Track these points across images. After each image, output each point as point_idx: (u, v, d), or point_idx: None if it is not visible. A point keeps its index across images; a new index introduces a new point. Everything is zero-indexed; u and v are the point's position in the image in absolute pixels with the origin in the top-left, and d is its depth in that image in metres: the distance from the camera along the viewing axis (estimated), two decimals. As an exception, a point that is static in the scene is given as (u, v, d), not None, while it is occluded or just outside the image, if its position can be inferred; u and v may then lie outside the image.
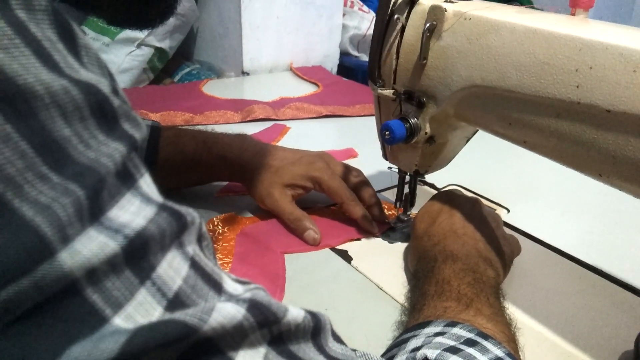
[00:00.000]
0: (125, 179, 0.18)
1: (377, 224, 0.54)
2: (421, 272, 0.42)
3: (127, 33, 1.06)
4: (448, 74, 0.41)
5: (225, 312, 0.18)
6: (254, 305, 0.19)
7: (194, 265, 0.19)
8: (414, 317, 0.36)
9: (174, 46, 1.14)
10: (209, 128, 0.61)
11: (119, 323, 0.16)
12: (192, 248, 0.20)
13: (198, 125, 0.84)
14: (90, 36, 1.07)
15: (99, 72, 0.19)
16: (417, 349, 0.30)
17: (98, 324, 0.16)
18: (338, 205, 0.56)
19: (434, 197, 0.50)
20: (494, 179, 0.68)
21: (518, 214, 0.60)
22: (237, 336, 0.19)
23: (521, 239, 0.54)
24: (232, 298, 0.20)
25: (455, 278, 0.38)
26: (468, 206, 0.47)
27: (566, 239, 0.55)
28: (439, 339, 0.31)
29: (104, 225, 0.17)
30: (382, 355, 0.32)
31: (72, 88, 0.17)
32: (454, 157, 0.52)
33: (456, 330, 0.31)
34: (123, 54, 1.07)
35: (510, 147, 0.43)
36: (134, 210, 0.18)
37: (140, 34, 1.06)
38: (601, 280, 0.48)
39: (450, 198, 0.49)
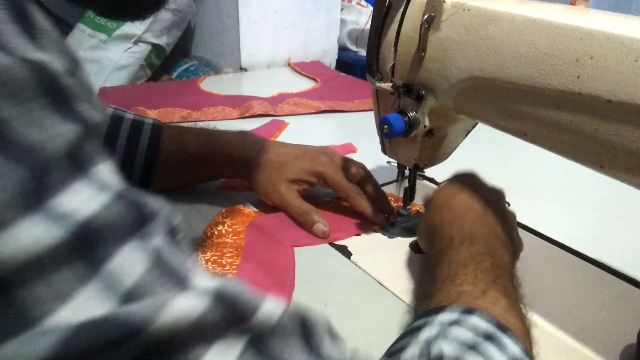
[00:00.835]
0: (78, 164, 0.17)
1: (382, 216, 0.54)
2: (435, 252, 0.39)
3: (124, 30, 1.05)
4: (447, 66, 0.40)
5: (181, 307, 0.16)
6: (219, 298, 0.17)
7: (158, 259, 0.18)
8: (426, 302, 0.34)
9: (171, 42, 1.14)
10: (207, 124, 0.61)
11: (58, 321, 0.15)
12: (157, 240, 0.18)
13: (196, 121, 0.84)
14: (87, 33, 1.07)
15: (57, 54, 0.18)
16: (432, 339, 0.28)
17: (30, 322, 0.14)
18: (343, 199, 0.55)
19: (455, 177, 0.47)
20: (494, 172, 0.68)
21: (518, 207, 0.59)
22: (199, 334, 0.17)
23: (522, 233, 0.54)
24: (194, 291, 0.18)
25: (473, 261, 0.35)
26: (492, 191, 0.45)
27: (567, 232, 0.54)
28: (455, 329, 0.29)
29: (49, 211, 0.15)
30: (394, 344, 0.31)
31: (19, 66, 0.15)
32: (453, 151, 0.51)
33: (474, 320, 0.29)
34: (120, 51, 1.06)
35: (510, 141, 0.43)
36: (85, 198, 0.16)
37: (137, 31, 1.05)
38: (603, 274, 0.48)
39: (473, 180, 0.46)
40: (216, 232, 0.51)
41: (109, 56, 1.06)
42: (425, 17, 0.40)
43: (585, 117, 0.33)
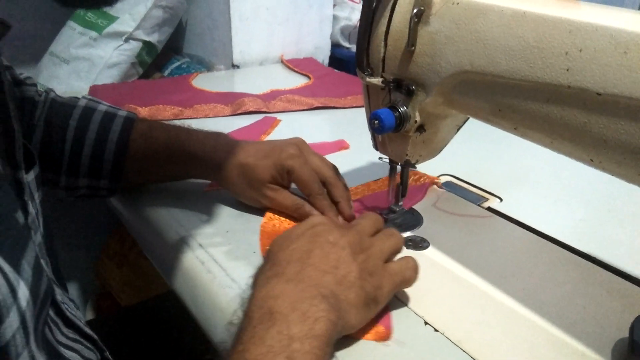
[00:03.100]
0: None
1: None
2: (238, 328, 0.34)
3: (115, 27, 1.04)
4: (437, 61, 0.40)
5: None
6: None
7: None
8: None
9: (162, 40, 1.13)
10: (199, 122, 0.60)
11: None
12: None
13: (188, 119, 0.83)
14: (78, 31, 1.05)
15: None
16: None
17: None
18: (305, 196, 0.53)
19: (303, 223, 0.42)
20: (486, 168, 0.68)
21: (511, 202, 0.59)
22: None
23: (514, 228, 0.54)
24: None
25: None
26: (338, 233, 0.40)
27: (559, 226, 0.54)
28: None
29: None
30: None
31: None
32: (445, 146, 0.51)
33: None
34: (111, 49, 1.05)
35: (502, 136, 0.43)
36: None
37: (128, 28, 1.04)
38: (595, 268, 0.48)
39: (318, 223, 0.41)
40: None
41: (100, 54, 1.04)
42: (415, 11, 0.40)
43: (575, 110, 0.32)
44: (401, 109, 0.44)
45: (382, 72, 0.45)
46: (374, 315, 0.39)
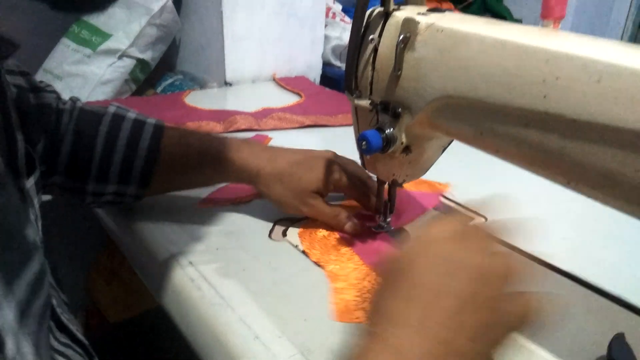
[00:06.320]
0: None
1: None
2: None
3: (109, 45, 1.05)
4: (422, 85, 0.42)
5: None
6: None
7: None
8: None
9: (156, 57, 1.14)
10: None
11: None
12: None
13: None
14: (72, 48, 1.06)
15: None
16: None
17: None
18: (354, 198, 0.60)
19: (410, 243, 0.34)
20: (472, 187, 0.69)
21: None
22: None
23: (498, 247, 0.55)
24: None
25: None
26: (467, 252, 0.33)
27: (542, 246, 0.55)
28: None
29: None
30: None
31: None
32: (431, 166, 0.52)
33: None
34: (105, 66, 1.06)
35: (486, 156, 0.44)
36: None
37: (122, 45, 1.05)
38: (576, 286, 0.49)
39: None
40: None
41: (94, 70, 1.06)
42: (401, 37, 0.41)
43: (553, 135, 0.34)
44: (388, 131, 0.46)
45: (370, 94, 0.47)
46: None
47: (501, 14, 1.71)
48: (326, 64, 1.34)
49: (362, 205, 0.59)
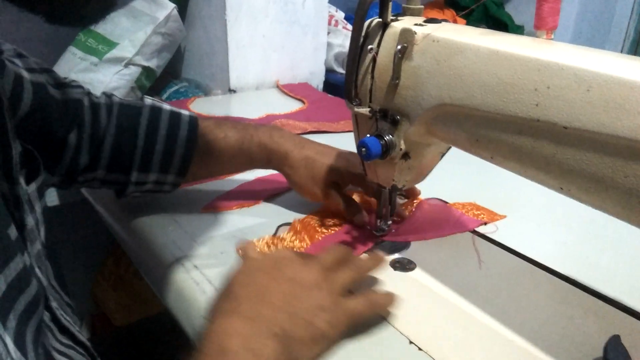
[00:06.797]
0: None
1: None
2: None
3: (115, 53, 1.07)
4: (419, 93, 0.43)
5: None
6: None
7: None
8: None
9: (161, 65, 1.16)
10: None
11: None
12: None
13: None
14: (78, 56, 1.08)
15: None
16: None
17: None
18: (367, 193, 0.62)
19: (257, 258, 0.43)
20: (471, 192, 0.70)
21: (494, 226, 0.62)
22: None
23: (498, 251, 0.56)
24: None
25: None
26: (297, 267, 0.41)
27: (541, 250, 0.56)
28: None
29: None
30: None
31: None
32: (430, 172, 0.53)
33: None
34: (111, 74, 1.08)
35: (485, 162, 0.45)
36: None
37: (127, 54, 1.07)
38: (573, 289, 0.50)
39: (280, 257, 0.42)
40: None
41: (100, 78, 1.07)
42: (399, 47, 0.43)
43: (545, 142, 0.35)
44: (387, 138, 0.47)
45: (370, 102, 0.48)
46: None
47: (503, 20, 1.72)
48: (329, 71, 1.36)
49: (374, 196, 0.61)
